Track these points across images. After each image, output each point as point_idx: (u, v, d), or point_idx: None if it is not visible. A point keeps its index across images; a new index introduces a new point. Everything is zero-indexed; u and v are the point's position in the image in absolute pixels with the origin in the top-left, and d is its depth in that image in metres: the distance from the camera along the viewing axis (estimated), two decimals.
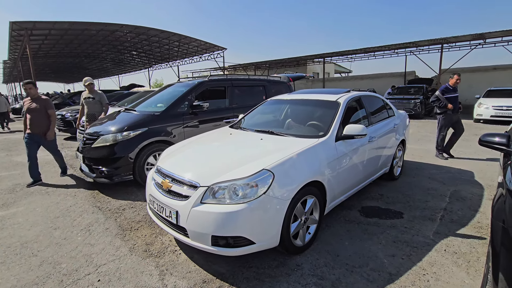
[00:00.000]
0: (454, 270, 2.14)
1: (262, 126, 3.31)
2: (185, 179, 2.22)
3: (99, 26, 13.65)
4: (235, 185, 2.04)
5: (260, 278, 2.09)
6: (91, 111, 5.29)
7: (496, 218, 1.58)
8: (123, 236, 2.74)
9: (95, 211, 3.36)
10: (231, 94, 5.22)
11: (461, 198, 3.52)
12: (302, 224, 2.36)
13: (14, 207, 3.53)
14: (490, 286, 1.48)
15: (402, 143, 4.33)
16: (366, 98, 3.67)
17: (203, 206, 2.03)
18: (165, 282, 2.07)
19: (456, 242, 2.52)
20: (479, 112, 10.49)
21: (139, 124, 4.02)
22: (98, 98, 5.31)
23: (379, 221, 2.93)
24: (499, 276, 1.34)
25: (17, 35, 12.22)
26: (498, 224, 1.53)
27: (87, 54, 21.88)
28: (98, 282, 2.08)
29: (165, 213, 2.24)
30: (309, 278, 2.06)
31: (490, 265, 1.52)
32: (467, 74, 15.27)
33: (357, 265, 2.21)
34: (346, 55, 18.12)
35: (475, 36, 11.98)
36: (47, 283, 2.08)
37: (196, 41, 17.75)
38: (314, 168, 2.41)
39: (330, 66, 28.43)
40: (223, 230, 1.96)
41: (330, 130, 2.80)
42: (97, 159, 3.86)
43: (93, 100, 5.25)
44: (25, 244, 2.63)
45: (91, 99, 5.26)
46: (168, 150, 3.00)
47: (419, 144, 6.89)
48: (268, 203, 2.03)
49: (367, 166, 3.27)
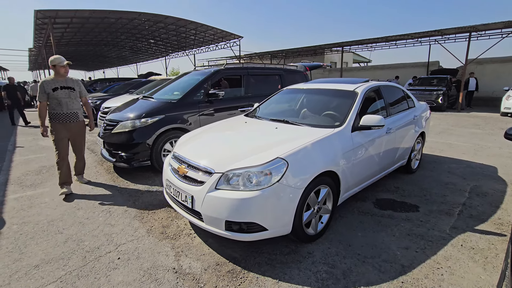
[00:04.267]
0: (470, 265, 2.09)
1: (277, 115, 3.30)
2: (200, 165, 2.28)
3: (118, 14, 13.84)
4: (249, 172, 2.07)
5: (272, 263, 2.13)
6: (70, 109, 3.48)
7: None
8: (141, 218, 2.86)
9: (115, 194, 3.51)
10: (246, 83, 5.21)
11: (481, 193, 3.39)
12: (315, 213, 2.37)
13: (41, 187, 3.76)
14: (508, 283, 1.45)
15: (421, 135, 4.19)
16: (385, 89, 3.56)
17: (217, 192, 2.08)
18: (180, 263, 2.16)
19: (474, 237, 2.45)
20: (507, 105, 9.92)
21: (156, 111, 4.11)
22: (78, 88, 3.60)
23: (393, 214, 2.89)
24: None
25: (41, 23, 12.63)
26: None
27: (107, 42, 22.32)
28: (118, 260, 2.20)
29: (181, 198, 2.32)
30: (320, 266, 2.09)
31: (509, 261, 1.49)
32: (496, 64, 14.36)
33: (369, 256, 2.21)
34: (365, 44, 17.46)
35: (507, 23, 11.17)
36: (71, 259, 2.23)
37: (213, 29, 17.65)
38: (328, 158, 2.39)
39: (349, 56, 27.53)
40: (237, 215, 2.00)
41: (347, 120, 2.75)
42: (117, 144, 4.00)
43: (73, 93, 3.51)
44: (52, 222, 2.81)
45: (69, 90, 3.46)
46: (184, 137, 3.06)
47: (440, 137, 6.64)
48: (282, 191, 2.05)
49: (383, 158, 3.20)
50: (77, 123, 3.60)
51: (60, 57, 3.44)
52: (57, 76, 3.45)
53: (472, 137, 6.63)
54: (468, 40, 12.18)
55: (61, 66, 3.41)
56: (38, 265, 2.15)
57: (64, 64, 3.45)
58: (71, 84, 3.55)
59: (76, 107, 3.57)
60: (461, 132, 7.27)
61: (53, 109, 3.43)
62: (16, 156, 5.40)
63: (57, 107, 3.43)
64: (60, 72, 3.42)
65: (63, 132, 3.48)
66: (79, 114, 3.64)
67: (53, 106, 3.43)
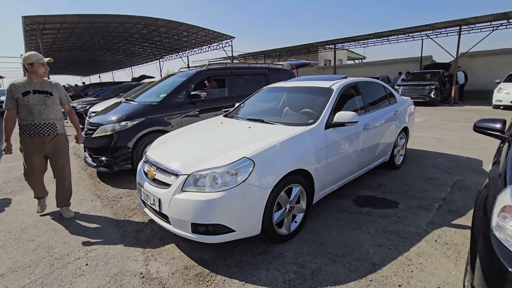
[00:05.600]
0: (441, 261, 2.06)
1: (255, 114, 3.27)
2: (168, 168, 2.24)
3: (108, 18, 13.80)
4: (214, 173, 2.04)
5: (241, 265, 2.10)
6: (45, 119, 2.77)
7: (477, 207, 1.50)
8: (116, 223, 2.83)
9: (94, 199, 3.47)
10: (230, 83, 5.18)
11: (463, 187, 3.37)
12: (287, 212, 2.34)
13: (20, 194, 3.71)
14: (469, 277, 1.42)
15: (404, 130, 4.16)
16: (363, 85, 3.53)
17: (183, 194, 2.05)
18: (148, 267, 2.13)
19: (449, 232, 2.42)
20: (499, 97, 9.91)
21: (136, 114, 4.08)
22: (58, 94, 2.89)
23: (371, 211, 2.86)
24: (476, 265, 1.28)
25: (30, 29, 12.59)
26: (479, 214, 1.45)
27: (100, 47, 22.27)
28: (86, 266, 2.16)
29: (150, 201, 2.28)
30: (290, 266, 2.06)
31: (468, 256, 1.46)
32: (488, 57, 14.36)
33: (341, 255, 2.17)
34: (358, 41, 17.45)
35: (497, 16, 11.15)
36: (39, 266, 2.19)
37: (204, 30, 17.63)
38: (298, 156, 2.36)
39: (343, 53, 27.52)
40: (202, 217, 1.97)
41: (320, 117, 2.72)
42: (97, 148, 3.96)
43: (49, 99, 2.80)
44: (25, 230, 2.77)
45: (44, 95, 2.77)
46: (158, 140, 3.03)
47: (430, 132, 6.63)
48: (248, 191, 2.02)
49: (362, 155, 3.17)
50: (55, 137, 2.86)
51: (37, 54, 2.75)
52: (33, 77, 2.73)
53: (462, 130, 6.61)
54: (459, 34, 12.17)
55: (40, 64, 2.71)
56: (4, 274, 2.11)
57: (44, 62, 2.77)
58: (48, 88, 2.81)
59: (53, 116, 2.83)
60: (451, 126, 7.25)
61: (22, 119, 2.73)
62: (1, 163, 5.36)
63: (27, 116, 2.71)
64: (39, 72, 2.73)
65: (34, 149, 2.78)
66: (59, 126, 2.88)
67: (23, 116, 2.72)
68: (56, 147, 2.89)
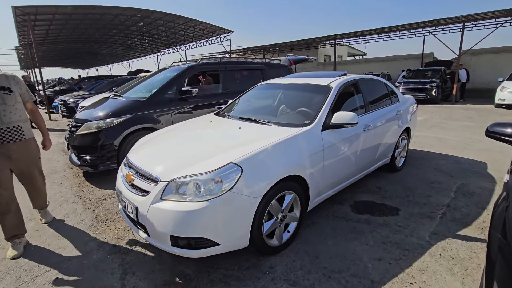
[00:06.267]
0: (447, 278, 1.87)
1: (248, 113, 3.05)
2: (147, 172, 2.03)
3: (102, 9, 13.36)
4: (197, 180, 1.82)
5: (227, 281, 1.90)
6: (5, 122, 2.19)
7: (494, 228, 1.30)
8: (96, 229, 2.62)
9: (76, 200, 3.26)
10: (224, 79, 4.93)
11: (468, 193, 3.17)
12: (279, 222, 2.14)
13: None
14: None
15: (406, 131, 3.95)
16: (364, 82, 3.30)
17: (162, 202, 1.84)
18: (125, 282, 1.93)
19: (455, 245, 2.23)
20: (502, 96, 9.70)
21: (123, 110, 3.84)
22: (18, 90, 2.34)
23: (370, 218, 2.66)
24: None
25: (21, 20, 12.17)
26: (496, 236, 1.25)
27: (96, 39, 21.76)
28: (55, 280, 1.96)
29: (128, 208, 2.07)
30: (280, 283, 1.86)
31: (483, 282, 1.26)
32: (491, 55, 14.10)
33: (337, 270, 1.98)
34: (359, 37, 17.11)
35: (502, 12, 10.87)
36: (4, 279, 1.99)
37: (202, 23, 17.20)
38: (292, 161, 2.14)
39: (343, 49, 27.14)
40: (183, 230, 1.77)
41: (317, 118, 2.50)
42: (81, 147, 3.74)
43: (8, 96, 2.22)
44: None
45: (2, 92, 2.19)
46: (141, 140, 2.81)
47: (431, 131, 6.42)
48: (234, 201, 1.81)
49: (361, 158, 2.97)
50: (21, 143, 2.29)
51: None
52: None
53: (464, 130, 6.41)
54: (462, 31, 11.89)
55: None
56: None
57: None
58: (5, 82, 2.22)
59: (17, 118, 2.27)
60: (453, 125, 7.04)
61: None
62: None
63: None
64: None
65: None
66: (25, 130, 2.32)
67: None
68: (25, 156, 2.34)
